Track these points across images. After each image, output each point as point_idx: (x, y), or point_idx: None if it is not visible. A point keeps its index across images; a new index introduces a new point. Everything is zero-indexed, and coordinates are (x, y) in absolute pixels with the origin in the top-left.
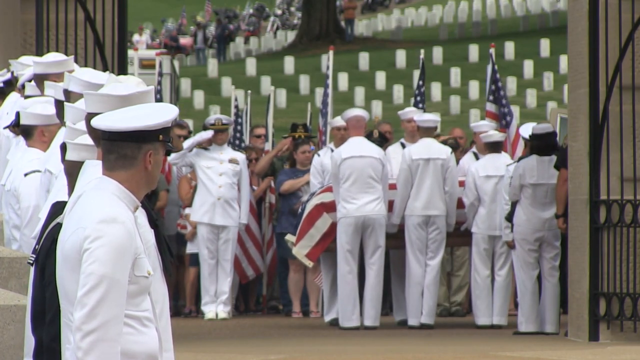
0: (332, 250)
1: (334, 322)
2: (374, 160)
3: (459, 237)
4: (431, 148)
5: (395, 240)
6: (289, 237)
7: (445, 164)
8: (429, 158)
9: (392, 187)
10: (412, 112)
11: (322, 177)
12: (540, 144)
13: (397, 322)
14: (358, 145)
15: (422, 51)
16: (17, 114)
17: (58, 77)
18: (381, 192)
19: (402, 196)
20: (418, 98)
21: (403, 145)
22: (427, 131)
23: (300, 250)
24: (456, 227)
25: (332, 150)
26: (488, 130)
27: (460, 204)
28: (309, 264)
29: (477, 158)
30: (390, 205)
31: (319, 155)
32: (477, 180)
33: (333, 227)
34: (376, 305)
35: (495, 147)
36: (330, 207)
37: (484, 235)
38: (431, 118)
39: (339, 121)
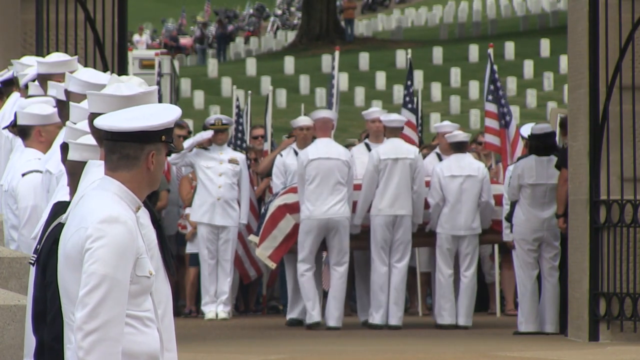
0: (295, 252)
1: (294, 322)
2: (340, 162)
3: (423, 237)
4: (399, 148)
5: (358, 241)
6: (252, 238)
7: (413, 163)
8: (397, 158)
9: (357, 187)
10: (376, 112)
11: (284, 178)
12: (539, 144)
13: (362, 323)
14: (325, 147)
15: (410, 51)
16: (16, 114)
17: (62, 77)
18: (346, 194)
19: (365, 197)
20: (407, 98)
21: (367, 146)
22: (394, 131)
23: (263, 251)
24: (421, 227)
25: (295, 151)
26: (452, 130)
27: (425, 205)
28: (272, 265)
29: (440, 159)
30: (354, 206)
31: (281, 155)
32: (442, 181)
33: (296, 229)
34: (340, 307)
35: (460, 147)
36: (294, 208)
37: (448, 235)
38: (397, 118)
39: (301, 121)
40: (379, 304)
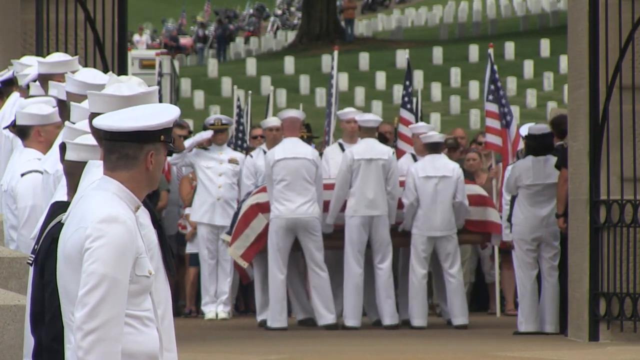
0: (266, 251)
1: (264, 323)
2: (307, 161)
3: (396, 237)
4: (373, 148)
5: (330, 240)
6: (225, 237)
7: (387, 164)
8: (371, 158)
9: (330, 187)
10: (352, 113)
11: (255, 179)
12: (537, 145)
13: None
14: (291, 147)
15: (408, 51)
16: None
17: (62, 77)
18: (315, 194)
19: (337, 197)
20: (406, 99)
21: (341, 146)
22: (369, 131)
23: (236, 250)
24: (394, 227)
25: (265, 151)
26: (427, 131)
27: (398, 205)
28: (244, 264)
29: (415, 159)
30: (327, 206)
31: (251, 156)
32: (417, 181)
33: (268, 228)
34: (329, 306)
35: (434, 147)
36: (266, 208)
37: (424, 237)
38: (372, 118)
39: (271, 122)
40: (352, 307)
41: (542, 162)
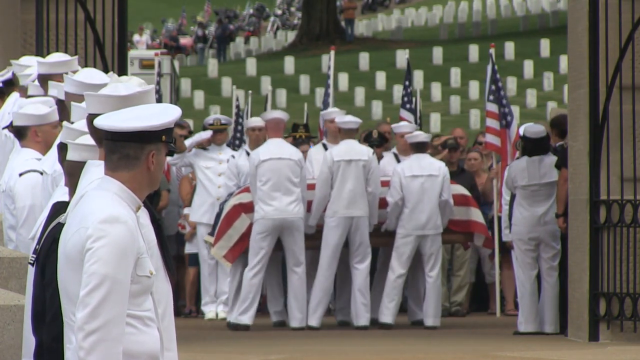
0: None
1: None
2: (292, 162)
3: (379, 237)
4: (353, 149)
5: (312, 240)
6: (208, 238)
7: (367, 165)
8: (351, 159)
9: (313, 188)
10: (335, 113)
11: (237, 179)
12: (532, 147)
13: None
14: (276, 147)
15: (407, 51)
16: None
17: (62, 77)
18: (299, 194)
19: (319, 198)
20: (405, 99)
21: (325, 146)
22: (349, 132)
23: (219, 251)
24: (376, 227)
25: (247, 152)
26: (411, 131)
27: (381, 204)
28: (227, 265)
29: (397, 159)
30: (309, 206)
31: (234, 157)
32: (403, 180)
33: (251, 228)
34: (302, 308)
35: (420, 147)
36: (249, 208)
37: (410, 236)
38: (352, 119)
39: (254, 122)
40: (317, 306)
41: (537, 162)
